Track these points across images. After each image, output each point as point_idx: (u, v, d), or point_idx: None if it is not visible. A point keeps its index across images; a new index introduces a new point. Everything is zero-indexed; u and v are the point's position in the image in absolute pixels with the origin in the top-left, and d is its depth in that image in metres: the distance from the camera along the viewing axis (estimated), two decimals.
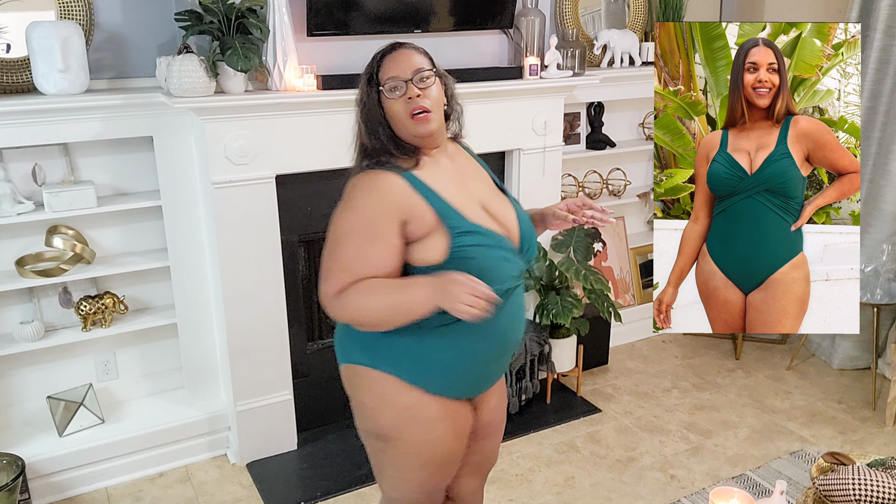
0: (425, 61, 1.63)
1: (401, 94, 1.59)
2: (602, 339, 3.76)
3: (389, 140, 1.61)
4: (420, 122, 1.59)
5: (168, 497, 2.79)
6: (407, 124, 1.60)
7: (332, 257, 1.57)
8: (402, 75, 1.59)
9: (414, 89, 1.58)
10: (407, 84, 1.58)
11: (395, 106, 1.59)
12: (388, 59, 1.62)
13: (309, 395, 3.13)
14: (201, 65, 2.51)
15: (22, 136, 2.53)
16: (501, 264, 1.60)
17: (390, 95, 1.59)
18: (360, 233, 1.55)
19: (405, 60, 1.60)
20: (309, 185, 2.90)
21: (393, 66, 1.60)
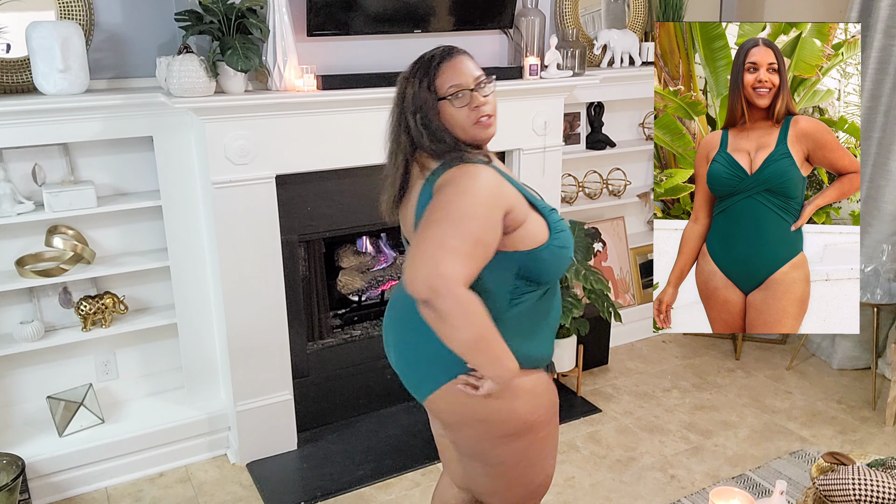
0: (479, 68, 1.66)
1: (465, 102, 1.61)
2: (602, 339, 3.76)
3: (455, 141, 1.64)
4: (484, 127, 1.64)
5: (168, 497, 2.79)
6: (469, 130, 1.63)
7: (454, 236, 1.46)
8: (466, 84, 1.61)
9: (479, 98, 1.62)
10: (471, 93, 1.61)
11: (458, 114, 1.62)
12: (446, 67, 1.62)
13: (309, 395, 3.13)
14: (201, 65, 2.51)
15: (22, 136, 2.53)
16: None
17: (457, 105, 1.61)
18: (481, 218, 1.51)
19: (464, 68, 1.62)
20: (309, 185, 2.90)
21: (454, 75, 1.61)
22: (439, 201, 1.53)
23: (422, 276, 1.43)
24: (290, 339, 3.01)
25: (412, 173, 1.68)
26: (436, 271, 1.42)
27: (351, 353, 3.22)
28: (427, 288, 1.42)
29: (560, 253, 1.64)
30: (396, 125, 1.67)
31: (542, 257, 1.61)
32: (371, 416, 3.29)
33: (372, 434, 3.15)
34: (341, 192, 2.96)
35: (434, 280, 1.42)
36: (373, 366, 3.26)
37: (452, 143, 1.63)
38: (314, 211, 2.95)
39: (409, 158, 1.67)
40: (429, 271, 1.42)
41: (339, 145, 2.82)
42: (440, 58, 1.63)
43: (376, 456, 3.00)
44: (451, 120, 1.62)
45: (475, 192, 1.52)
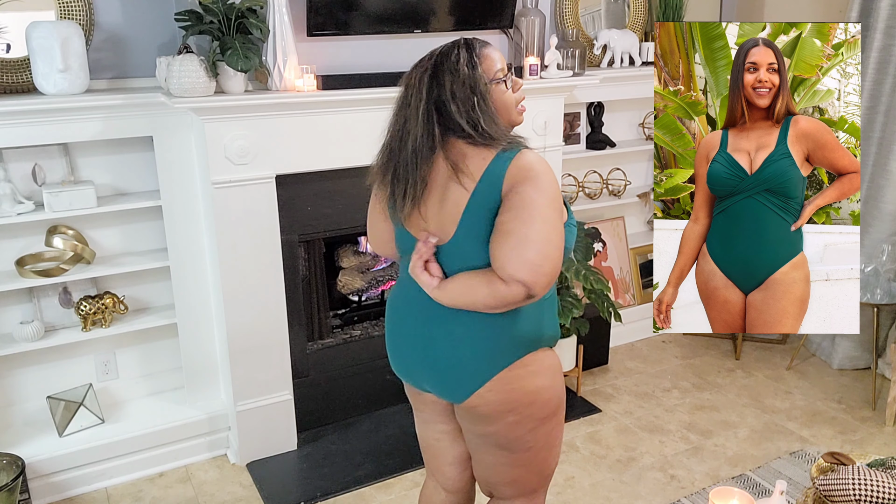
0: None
1: (510, 87, 1.67)
2: (602, 339, 3.76)
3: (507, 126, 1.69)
4: (522, 112, 1.72)
5: (168, 497, 2.79)
6: (512, 113, 1.70)
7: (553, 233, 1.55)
8: (506, 69, 1.68)
9: (520, 81, 1.71)
10: (508, 78, 1.67)
11: (506, 97, 1.67)
12: (488, 52, 1.66)
13: (309, 395, 3.13)
14: (201, 65, 2.51)
15: (22, 136, 2.53)
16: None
17: (505, 88, 1.66)
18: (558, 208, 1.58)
19: (501, 56, 1.68)
20: (309, 185, 2.90)
21: (496, 60, 1.66)
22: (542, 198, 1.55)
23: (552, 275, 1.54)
24: (290, 339, 3.01)
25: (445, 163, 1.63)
26: (557, 268, 1.55)
27: (351, 353, 3.22)
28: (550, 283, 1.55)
29: (572, 231, 1.74)
30: (426, 118, 1.62)
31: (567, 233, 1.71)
32: (371, 416, 3.29)
33: (372, 434, 3.15)
34: (341, 192, 2.96)
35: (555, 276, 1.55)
36: (373, 366, 3.26)
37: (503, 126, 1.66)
38: (314, 211, 2.95)
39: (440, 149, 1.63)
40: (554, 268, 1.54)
41: (339, 145, 2.82)
42: (480, 45, 1.66)
43: (376, 456, 3.00)
44: (499, 103, 1.66)
45: (553, 184, 1.60)
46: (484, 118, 1.61)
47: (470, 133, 1.60)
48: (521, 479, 1.84)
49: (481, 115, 1.61)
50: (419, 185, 1.64)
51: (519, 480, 1.84)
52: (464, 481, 1.98)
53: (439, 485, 2.01)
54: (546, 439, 1.79)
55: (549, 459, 1.84)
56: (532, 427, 1.74)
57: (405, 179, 1.65)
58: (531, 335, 1.69)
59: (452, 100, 1.60)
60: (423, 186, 1.64)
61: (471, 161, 1.61)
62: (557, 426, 1.81)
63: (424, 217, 1.68)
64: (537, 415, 1.73)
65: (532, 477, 1.84)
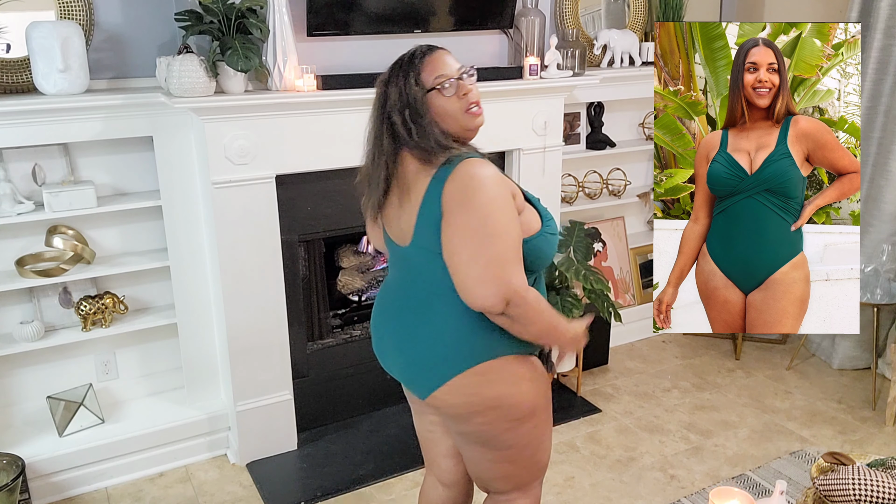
0: (458, 61, 1.70)
1: (454, 91, 1.64)
2: (602, 339, 3.76)
3: (446, 137, 1.66)
4: (475, 115, 1.68)
5: (168, 497, 2.79)
6: (460, 119, 1.66)
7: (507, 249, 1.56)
8: (451, 74, 1.65)
9: (466, 85, 1.66)
10: (457, 82, 1.65)
11: (448, 104, 1.64)
12: (429, 61, 1.65)
13: (309, 395, 3.13)
14: (201, 65, 2.51)
15: (22, 136, 2.53)
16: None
17: (447, 93, 1.64)
18: (512, 219, 1.59)
19: (446, 61, 1.66)
20: (309, 185, 2.90)
21: (438, 66, 1.64)
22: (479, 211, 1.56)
23: (496, 294, 1.54)
24: (290, 339, 3.01)
25: (400, 174, 1.68)
26: (509, 287, 1.54)
27: (351, 353, 3.22)
28: (503, 302, 1.55)
29: (552, 240, 1.71)
30: (378, 128, 1.68)
31: (537, 245, 1.66)
32: (371, 416, 3.29)
33: (372, 434, 3.15)
34: (341, 192, 2.96)
35: (509, 295, 1.54)
36: (373, 366, 3.25)
37: (442, 139, 1.64)
38: (314, 211, 2.95)
39: (390, 161, 1.67)
40: (502, 289, 1.54)
41: (339, 145, 2.82)
42: (422, 54, 1.66)
43: (376, 456, 3.00)
44: (441, 111, 1.64)
45: (499, 194, 1.58)
46: (416, 130, 1.63)
47: (412, 146, 1.64)
48: (511, 475, 1.85)
49: (413, 128, 1.64)
50: (381, 192, 1.70)
51: (509, 476, 1.84)
52: (459, 474, 2.00)
53: (436, 478, 2.03)
54: (528, 438, 1.78)
55: (537, 455, 1.84)
56: (507, 428, 1.74)
57: (371, 186, 1.73)
58: (483, 345, 1.67)
59: (394, 112, 1.65)
60: (384, 195, 1.71)
61: (417, 177, 1.65)
62: (540, 425, 1.80)
63: (388, 224, 1.75)
64: (508, 417, 1.73)
65: (521, 472, 1.85)
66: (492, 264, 1.54)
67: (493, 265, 1.54)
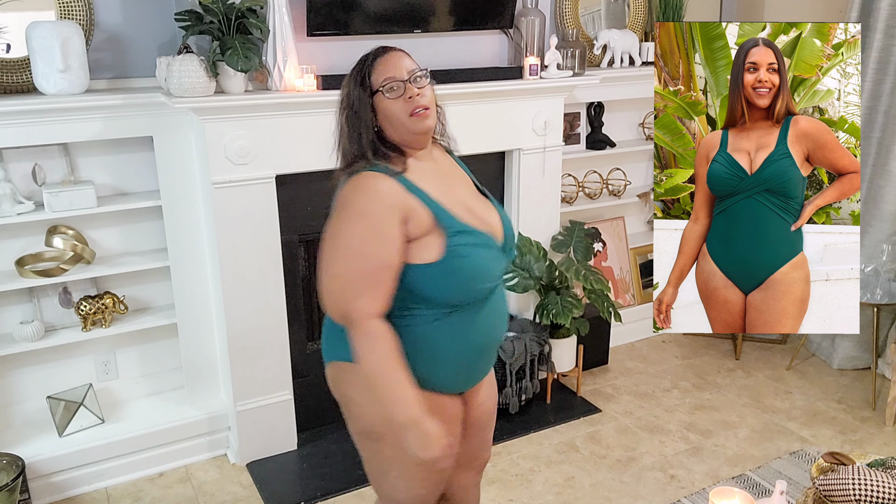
0: (415, 64, 1.66)
1: (399, 94, 1.61)
2: (602, 339, 3.76)
3: (369, 145, 1.63)
4: (420, 118, 1.61)
5: (168, 497, 2.79)
6: (406, 123, 1.61)
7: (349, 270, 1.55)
8: (399, 76, 1.61)
9: (413, 88, 1.61)
10: (405, 84, 1.61)
11: (393, 106, 1.61)
12: (380, 63, 1.63)
13: (309, 395, 3.13)
14: (201, 65, 2.51)
15: (22, 136, 2.53)
16: (491, 263, 1.66)
17: (390, 95, 1.60)
18: (373, 237, 1.54)
19: (398, 62, 1.63)
20: (309, 185, 2.90)
21: (387, 68, 1.62)
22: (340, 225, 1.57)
23: (332, 309, 1.57)
24: (290, 339, 3.01)
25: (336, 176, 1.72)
26: (347, 308, 1.54)
27: None
28: (341, 318, 1.57)
29: (454, 277, 1.59)
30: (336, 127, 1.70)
31: (429, 274, 1.58)
32: None
33: None
34: None
35: (348, 313, 1.54)
36: None
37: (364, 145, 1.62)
38: (314, 211, 2.95)
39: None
40: (339, 306, 1.55)
41: None
42: (374, 55, 1.65)
43: None
44: (387, 114, 1.62)
45: (364, 210, 1.55)
46: (348, 133, 1.65)
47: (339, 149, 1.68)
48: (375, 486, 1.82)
49: (347, 131, 1.65)
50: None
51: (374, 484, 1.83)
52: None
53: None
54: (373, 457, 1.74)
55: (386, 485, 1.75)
56: (354, 433, 1.76)
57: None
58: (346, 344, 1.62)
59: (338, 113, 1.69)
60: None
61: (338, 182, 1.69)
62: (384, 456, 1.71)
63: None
64: (353, 423, 1.75)
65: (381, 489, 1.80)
66: (336, 279, 1.55)
67: (336, 280, 1.55)
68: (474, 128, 3.11)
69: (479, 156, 3.21)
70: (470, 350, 1.70)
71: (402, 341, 1.61)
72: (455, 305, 1.63)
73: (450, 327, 1.64)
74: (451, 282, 1.59)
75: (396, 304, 1.60)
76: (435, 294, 1.60)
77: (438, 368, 1.68)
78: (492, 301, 1.70)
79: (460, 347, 1.68)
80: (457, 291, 1.61)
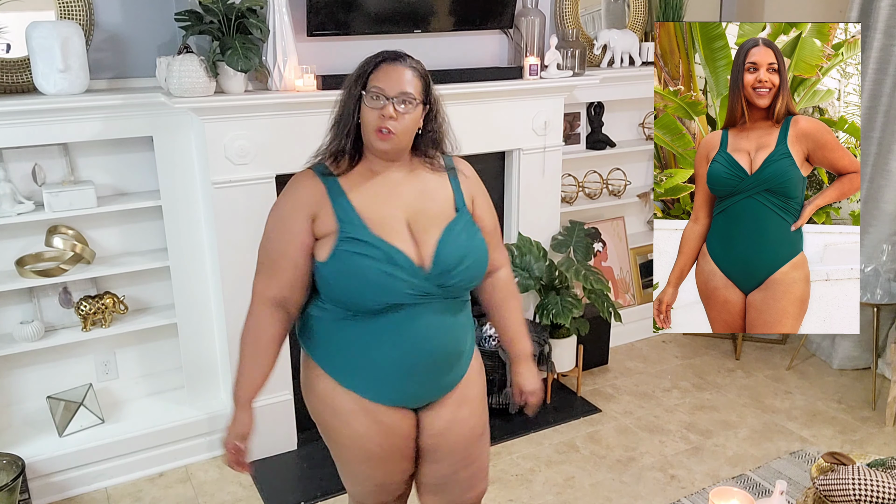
0: (417, 85, 1.63)
1: (378, 106, 1.60)
2: (602, 339, 3.76)
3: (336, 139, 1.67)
4: (381, 138, 1.61)
5: (168, 497, 2.79)
6: (370, 134, 1.63)
7: (260, 253, 1.71)
8: (389, 91, 1.60)
9: (390, 108, 1.59)
10: (389, 101, 1.60)
11: (368, 114, 1.62)
12: (384, 67, 1.62)
13: None
14: (201, 65, 2.51)
15: (22, 136, 2.53)
16: (384, 279, 1.60)
17: (370, 104, 1.61)
18: (279, 228, 1.67)
19: (397, 77, 1.61)
20: None
21: (384, 77, 1.61)
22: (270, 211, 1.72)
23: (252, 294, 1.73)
24: (291, 339, 3.00)
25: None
26: (253, 283, 1.72)
27: None
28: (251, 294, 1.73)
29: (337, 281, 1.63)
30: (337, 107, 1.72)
31: (320, 273, 1.65)
32: None
33: None
34: None
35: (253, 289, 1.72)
36: None
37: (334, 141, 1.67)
38: None
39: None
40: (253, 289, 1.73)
41: None
42: (384, 58, 1.64)
43: None
44: (362, 115, 1.63)
45: (281, 203, 1.68)
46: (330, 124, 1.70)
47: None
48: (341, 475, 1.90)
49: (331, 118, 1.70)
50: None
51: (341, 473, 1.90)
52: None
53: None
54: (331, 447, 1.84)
55: (345, 473, 1.86)
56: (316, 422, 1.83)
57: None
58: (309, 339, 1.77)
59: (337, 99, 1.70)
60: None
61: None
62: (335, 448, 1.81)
63: None
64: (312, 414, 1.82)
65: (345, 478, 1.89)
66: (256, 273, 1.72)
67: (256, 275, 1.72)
68: (474, 128, 3.11)
69: (479, 156, 3.21)
70: (389, 362, 1.68)
71: (316, 332, 1.73)
72: (351, 310, 1.65)
73: (357, 331, 1.66)
74: (336, 284, 1.63)
75: (314, 296, 1.72)
76: (326, 292, 1.67)
77: (352, 370, 1.71)
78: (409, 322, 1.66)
79: (375, 356, 1.68)
80: (343, 295, 1.64)
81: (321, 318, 1.71)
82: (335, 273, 1.62)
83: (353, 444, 1.76)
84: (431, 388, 1.77)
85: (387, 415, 1.74)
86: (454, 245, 1.67)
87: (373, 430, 1.73)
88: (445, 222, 1.69)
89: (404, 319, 1.65)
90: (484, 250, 1.73)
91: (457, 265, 1.66)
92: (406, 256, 1.62)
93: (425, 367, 1.71)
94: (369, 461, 1.77)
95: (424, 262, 1.64)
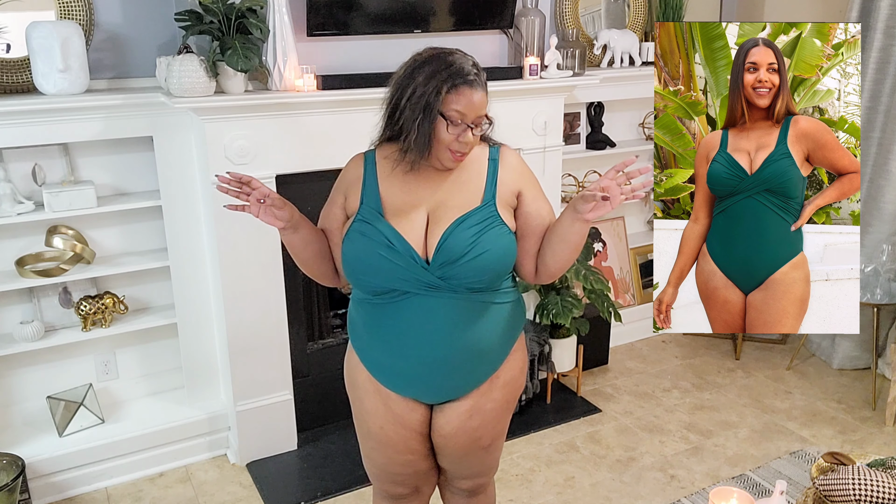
0: (485, 108, 1.67)
1: (457, 132, 1.62)
2: (602, 339, 3.76)
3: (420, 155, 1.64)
4: (456, 161, 1.67)
5: (168, 497, 2.79)
6: (440, 152, 1.64)
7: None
8: (468, 117, 1.62)
9: (469, 136, 1.64)
10: (467, 126, 1.63)
11: (445, 137, 1.62)
12: (464, 92, 1.60)
13: (309, 395, 3.13)
14: (201, 65, 2.51)
15: (22, 136, 2.53)
16: (380, 261, 1.65)
17: (450, 130, 1.62)
18: (330, 197, 1.82)
19: (478, 102, 1.63)
20: (309, 185, 2.90)
21: (464, 101, 1.61)
22: None
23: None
24: (290, 339, 3.01)
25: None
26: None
27: None
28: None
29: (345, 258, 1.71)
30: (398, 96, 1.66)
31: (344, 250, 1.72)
32: None
33: None
34: None
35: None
36: None
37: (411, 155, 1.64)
38: (314, 211, 2.93)
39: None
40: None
41: (339, 145, 2.82)
42: (462, 81, 1.60)
43: None
44: (436, 132, 1.62)
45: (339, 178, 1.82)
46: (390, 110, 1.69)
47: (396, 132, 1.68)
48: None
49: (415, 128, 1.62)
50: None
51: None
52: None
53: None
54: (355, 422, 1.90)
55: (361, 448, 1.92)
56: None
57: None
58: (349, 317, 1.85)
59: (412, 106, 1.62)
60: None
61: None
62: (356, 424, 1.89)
63: None
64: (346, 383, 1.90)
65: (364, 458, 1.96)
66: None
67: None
68: None
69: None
70: (396, 349, 1.71)
71: (350, 306, 1.82)
72: (362, 290, 1.73)
73: (373, 313, 1.73)
74: (345, 261, 1.72)
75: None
76: (342, 268, 1.75)
77: (367, 349, 1.78)
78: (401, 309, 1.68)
79: (384, 340, 1.73)
80: (349, 273, 1.72)
81: (353, 294, 1.81)
82: (344, 251, 1.71)
83: (362, 419, 1.84)
84: (441, 386, 1.75)
85: (396, 402, 1.78)
86: (460, 237, 1.64)
87: (380, 412, 1.79)
88: (460, 214, 1.67)
89: (412, 309, 1.67)
90: (502, 246, 1.67)
91: (460, 258, 1.63)
92: (406, 243, 1.64)
93: (432, 361, 1.70)
94: (372, 440, 1.84)
95: (428, 253, 1.65)
